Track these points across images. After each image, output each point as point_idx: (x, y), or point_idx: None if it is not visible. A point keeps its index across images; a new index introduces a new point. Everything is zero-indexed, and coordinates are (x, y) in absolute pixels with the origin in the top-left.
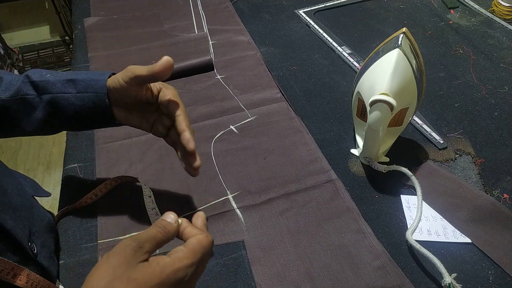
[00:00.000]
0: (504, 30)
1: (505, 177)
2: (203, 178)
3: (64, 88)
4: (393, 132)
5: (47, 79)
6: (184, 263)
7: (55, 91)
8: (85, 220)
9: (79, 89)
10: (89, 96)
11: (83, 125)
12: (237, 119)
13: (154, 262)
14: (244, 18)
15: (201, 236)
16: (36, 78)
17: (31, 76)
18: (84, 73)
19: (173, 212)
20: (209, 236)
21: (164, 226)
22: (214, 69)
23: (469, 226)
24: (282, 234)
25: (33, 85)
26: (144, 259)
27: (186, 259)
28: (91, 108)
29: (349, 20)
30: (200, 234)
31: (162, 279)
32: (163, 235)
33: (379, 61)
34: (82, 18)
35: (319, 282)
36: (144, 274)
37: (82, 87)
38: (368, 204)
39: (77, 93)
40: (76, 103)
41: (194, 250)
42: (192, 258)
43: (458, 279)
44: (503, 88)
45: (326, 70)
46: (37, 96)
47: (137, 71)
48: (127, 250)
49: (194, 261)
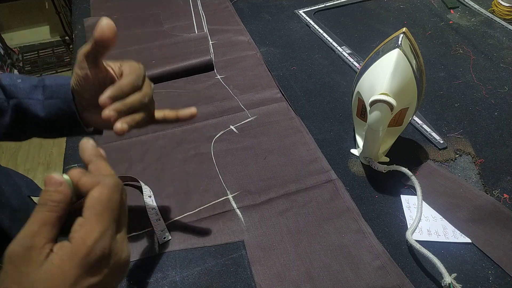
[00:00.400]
0: (504, 30)
1: (505, 177)
2: (203, 178)
3: (32, 93)
4: (393, 132)
5: (16, 84)
6: (91, 240)
7: (22, 96)
8: None
9: (47, 95)
10: (56, 102)
11: (52, 132)
12: (237, 119)
13: (56, 258)
14: (244, 18)
15: (98, 189)
16: (5, 82)
17: (1, 79)
18: (53, 78)
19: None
20: (107, 182)
21: (49, 200)
22: (214, 69)
23: (469, 226)
24: (282, 234)
25: (2, 88)
26: (46, 254)
27: (90, 233)
28: (59, 114)
29: (349, 20)
30: (96, 186)
31: (77, 273)
32: (54, 212)
33: (379, 61)
34: (82, 18)
35: (319, 282)
36: (51, 277)
37: (48, 93)
38: (368, 204)
39: (45, 99)
40: (42, 109)
41: (97, 215)
42: (98, 226)
43: (458, 279)
44: (503, 88)
45: (326, 70)
46: (5, 100)
47: (83, 50)
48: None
49: (103, 228)
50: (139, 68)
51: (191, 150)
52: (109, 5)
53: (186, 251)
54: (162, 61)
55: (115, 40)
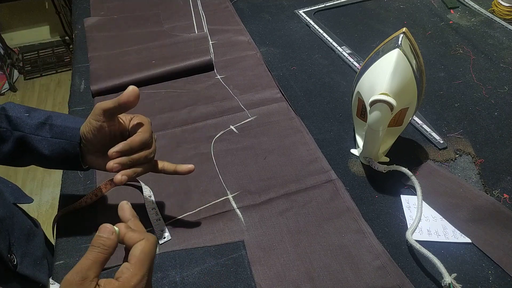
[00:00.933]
0: (504, 30)
1: (505, 177)
2: (203, 178)
3: (38, 130)
4: (393, 132)
5: (23, 117)
6: (134, 281)
7: (28, 131)
8: (85, 220)
9: (53, 134)
10: (61, 142)
11: (51, 165)
12: (237, 119)
13: None
14: (244, 18)
15: (142, 243)
16: (12, 113)
17: (8, 110)
18: (61, 117)
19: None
20: (150, 238)
21: (102, 244)
22: (214, 69)
23: (469, 226)
24: (282, 234)
25: (8, 119)
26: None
27: (135, 275)
28: (62, 154)
29: (349, 20)
30: (141, 240)
31: None
32: (104, 254)
33: (379, 61)
34: (82, 18)
35: (319, 282)
36: None
37: (56, 132)
38: (368, 204)
39: (51, 137)
40: (47, 146)
41: (141, 262)
42: (141, 271)
43: (458, 279)
44: (503, 88)
45: (326, 70)
46: (8, 130)
47: (104, 105)
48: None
49: (143, 272)
50: (148, 123)
51: (191, 150)
52: (109, 5)
53: (186, 251)
54: (162, 61)
55: (136, 103)
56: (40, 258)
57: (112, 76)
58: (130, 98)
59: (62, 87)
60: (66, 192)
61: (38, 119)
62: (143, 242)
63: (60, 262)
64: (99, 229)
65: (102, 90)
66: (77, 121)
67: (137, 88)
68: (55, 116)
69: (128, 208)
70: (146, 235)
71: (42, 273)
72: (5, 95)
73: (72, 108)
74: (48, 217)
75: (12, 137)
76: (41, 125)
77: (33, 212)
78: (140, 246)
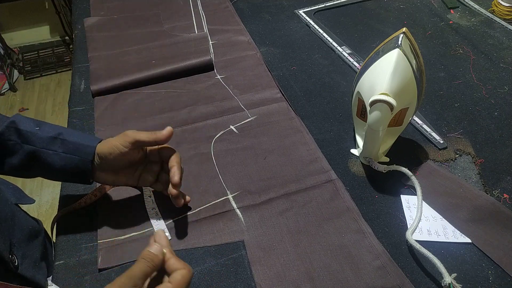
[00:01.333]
0: (504, 30)
1: (505, 177)
2: (203, 178)
3: (50, 145)
4: (393, 132)
5: (34, 131)
6: None
7: (39, 145)
8: (85, 220)
9: (66, 150)
10: (74, 158)
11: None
12: (237, 119)
13: None
14: (244, 18)
15: (184, 272)
16: (23, 127)
17: (18, 123)
18: (75, 134)
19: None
20: (190, 270)
21: (152, 259)
22: (214, 69)
23: (469, 226)
24: (282, 234)
25: (17, 132)
26: None
27: None
28: (72, 168)
29: (349, 20)
30: (183, 269)
31: None
32: (151, 268)
33: (379, 61)
34: (82, 18)
35: (319, 282)
36: None
37: (69, 148)
38: (368, 204)
39: (63, 153)
40: (58, 161)
41: (180, 286)
42: None
43: (458, 279)
44: (503, 88)
45: (326, 70)
46: (18, 143)
47: (138, 137)
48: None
49: None
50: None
51: (191, 150)
52: (109, 5)
53: (186, 251)
54: (162, 61)
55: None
56: (39, 259)
57: (112, 76)
58: (168, 137)
59: (62, 87)
60: (66, 192)
61: (49, 133)
62: (185, 271)
63: (60, 262)
64: (149, 245)
65: (102, 90)
66: (90, 139)
67: (172, 129)
68: (66, 132)
69: (165, 237)
70: (188, 267)
71: (41, 275)
72: (5, 95)
73: (72, 108)
74: (48, 217)
75: (22, 150)
76: (53, 140)
77: (33, 212)
78: (183, 273)
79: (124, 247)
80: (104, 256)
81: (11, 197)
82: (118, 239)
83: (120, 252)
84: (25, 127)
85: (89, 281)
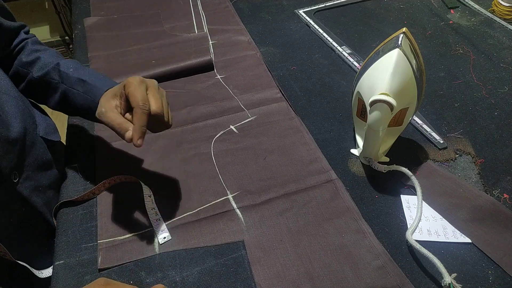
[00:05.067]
0: (504, 30)
1: (505, 177)
2: (203, 178)
3: (76, 85)
4: (393, 132)
5: (68, 72)
6: None
7: (69, 84)
8: (85, 220)
9: (84, 90)
10: (88, 99)
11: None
12: (237, 119)
13: None
14: (244, 18)
15: None
16: (62, 69)
17: (61, 65)
18: (94, 76)
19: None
20: None
21: None
22: (214, 69)
23: (469, 226)
24: (282, 234)
25: (59, 73)
26: None
27: None
28: (85, 106)
29: (349, 20)
30: None
31: None
32: None
33: (379, 61)
34: (82, 18)
35: (319, 282)
36: None
37: (86, 89)
38: (368, 204)
39: (82, 92)
40: (79, 100)
41: None
42: None
43: (458, 279)
44: (503, 88)
45: (326, 70)
46: (59, 82)
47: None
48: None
49: None
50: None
51: (191, 150)
52: (109, 5)
53: (186, 251)
54: (162, 61)
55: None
56: (44, 187)
57: (112, 76)
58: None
59: None
60: (66, 192)
61: (78, 75)
62: None
63: (60, 262)
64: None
65: None
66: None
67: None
68: (90, 75)
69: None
70: None
71: (39, 200)
72: None
73: None
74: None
75: (60, 88)
76: (79, 81)
77: None
78: None
79: (124, 247)
80: (104, 256)
81: (40, 129)
82: (118, 239)
83: (120, 252)
84: (63, 69)
85: (89, 281)
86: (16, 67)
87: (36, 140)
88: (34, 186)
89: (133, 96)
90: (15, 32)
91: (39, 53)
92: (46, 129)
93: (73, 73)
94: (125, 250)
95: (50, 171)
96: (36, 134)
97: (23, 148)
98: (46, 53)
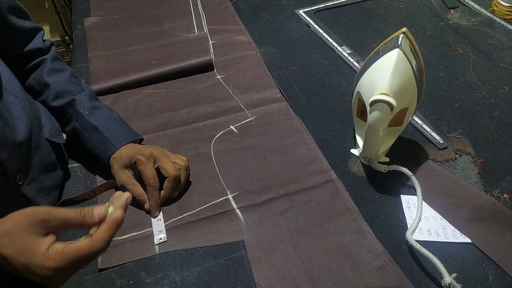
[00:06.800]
0: (504, 30)
1: (505, 177)
2: (203, 178)
3: (90, 131)
4: (393, 132)
5: (84, 115)
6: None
7: (83, 126)
8: None
9: (97, 139)
10: (99, 148)
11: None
12: (237, 119)
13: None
14: (244, 18)
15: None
16: (78, 107)
17: (77, 103)
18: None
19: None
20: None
21: (84, 216)
22: (214, 69)
23: (469, 226)
24: (282, 234)
25: (74, 111)
26: (43, 233)
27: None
28: (94, 153)
29: (349, 20)
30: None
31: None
32: (77, 223)
33: (379, 61)
34: (82, 18)
35: (319, 282)
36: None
37: (99, 139)
38: (368, 204)
39: (95, 140)
40: (89, 144)
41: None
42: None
43: (458, 279)
44: (503, 88)
45: (326, 70)
46: (73, 117)
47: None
48: (33, 217)
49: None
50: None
51: (191, 150)
52: (109, 5)
53: (186, 251)
54: (162, 61)
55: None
56: (49, 189)
57: (112, 76)
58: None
59: None
60: (66, 192)
61: (94, 121)
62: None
63: None
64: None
65: (102, 90)
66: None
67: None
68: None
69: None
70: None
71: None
72: None
73: None
74: None
75: (72, 123)
76: (94, 128)
77: None
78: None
79: (124, 247)
80: (104, 256)
81: (45, 131)
82: (118, 239)
83: (120, 252)
84: (80, 108)
85: (89, 281)
86: (31, 81)
87: (41, 142)
88: (39, 188)
89: (144, 174)
90: (29, 35)
91: (57, 75)
92: (51, 131)
93: (88, 117)
94: (125, 250)
95: (55, 173)
96: (41, 136)
97: (29, 150)
98: (64, 75)
